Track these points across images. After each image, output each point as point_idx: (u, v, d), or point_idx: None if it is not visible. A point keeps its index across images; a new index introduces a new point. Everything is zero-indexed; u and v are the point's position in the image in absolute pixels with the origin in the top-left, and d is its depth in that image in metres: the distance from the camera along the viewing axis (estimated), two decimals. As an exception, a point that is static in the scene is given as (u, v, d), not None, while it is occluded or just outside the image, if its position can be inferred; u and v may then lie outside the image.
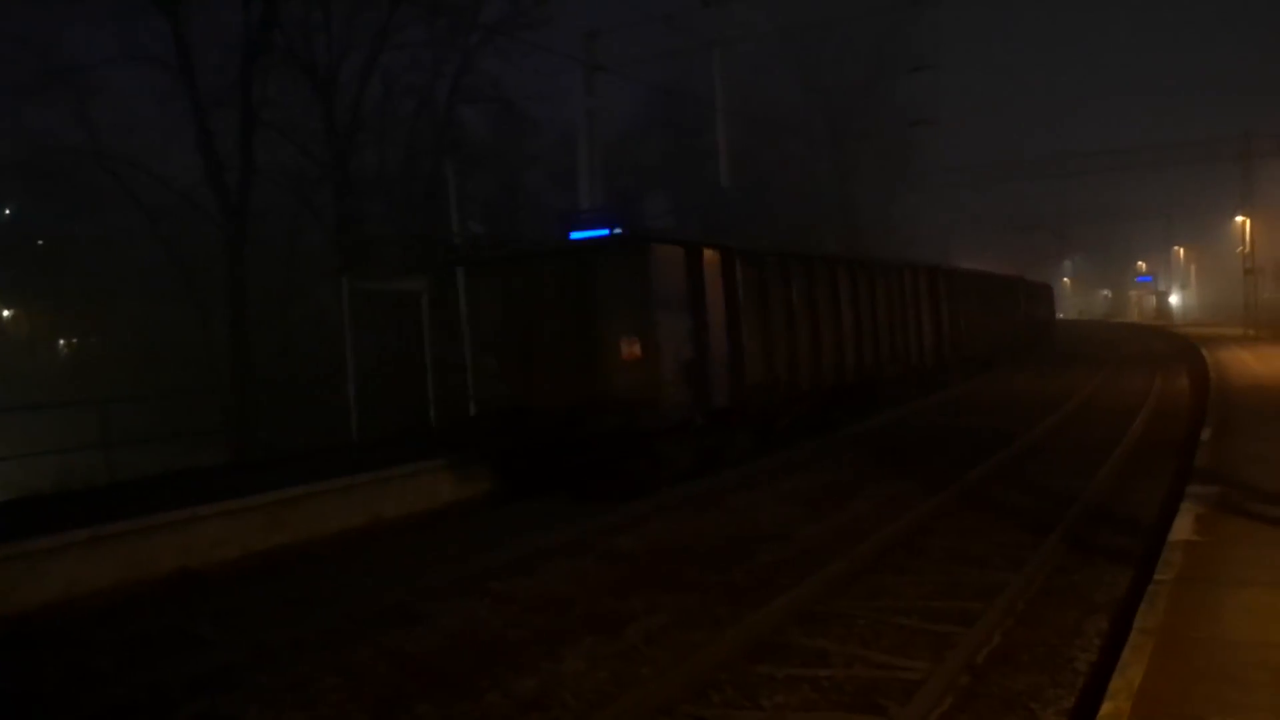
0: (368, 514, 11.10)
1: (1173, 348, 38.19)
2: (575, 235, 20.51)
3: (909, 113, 37.26)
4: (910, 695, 5.53)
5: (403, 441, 14.89)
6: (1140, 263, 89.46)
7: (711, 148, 27.28)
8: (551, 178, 33.42)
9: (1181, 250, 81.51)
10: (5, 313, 37.08)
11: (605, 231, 19.95)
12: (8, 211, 34.54)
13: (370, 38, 21.84)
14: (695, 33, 24.85)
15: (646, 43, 25.41)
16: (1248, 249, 42.33)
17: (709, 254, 13.22)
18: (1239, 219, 43.91)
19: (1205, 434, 12.53)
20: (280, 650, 6.91)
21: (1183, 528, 7.59)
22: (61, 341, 36.64)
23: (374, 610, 7.74)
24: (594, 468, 11.96)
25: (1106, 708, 4.39)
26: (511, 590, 8.20)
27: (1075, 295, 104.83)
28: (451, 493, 12.26)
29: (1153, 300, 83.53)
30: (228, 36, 20.66)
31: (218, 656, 6.92)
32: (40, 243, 32.87)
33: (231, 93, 20.37)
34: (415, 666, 6.55)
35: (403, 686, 6.20)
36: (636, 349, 11.81)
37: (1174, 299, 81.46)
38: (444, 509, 12.03)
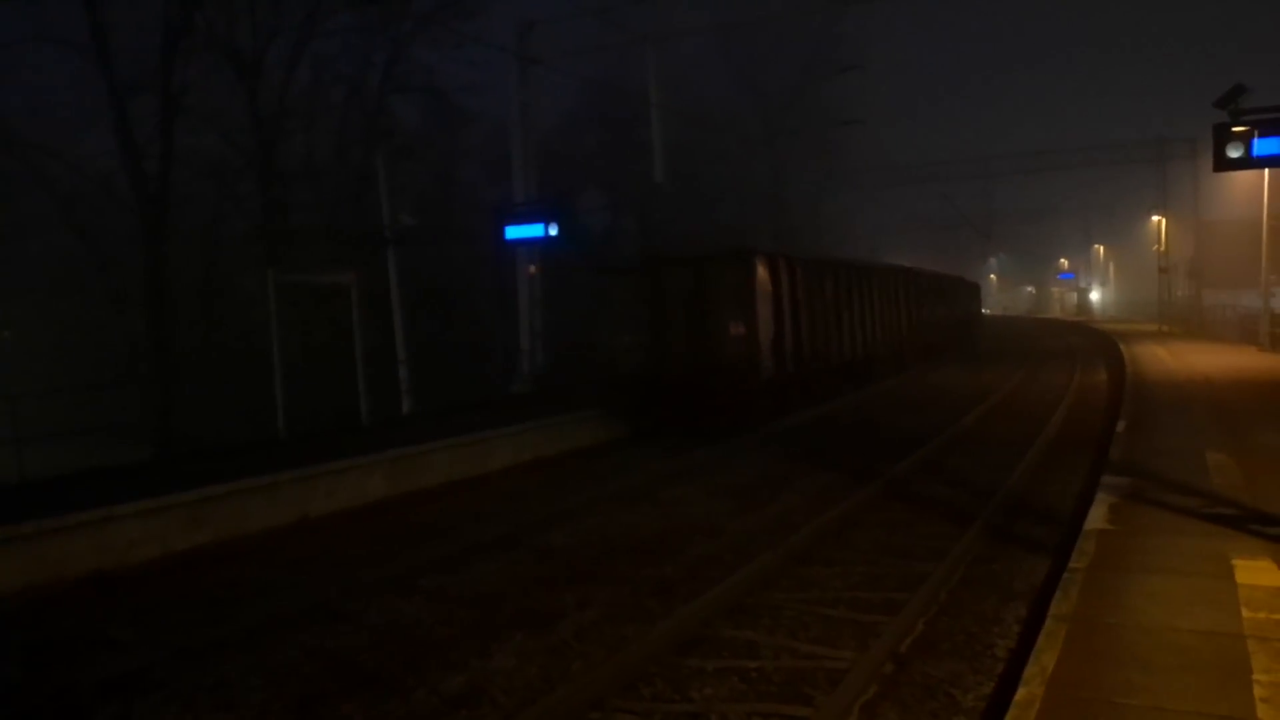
0: (296, 513, 10.87)
1: (1092, 343, 39.51)
2: (509, 229, 20.37)
3: (839, 112, 37.84)
4: (836, 684, 5.64)
5: (336, 436, 14.60)
6: (1062, 260, 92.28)
7: (647, 142, 27.29)
8: (486, 170, 33.06)
9: (1101, 249, 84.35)
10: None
11: (540, 226, 19.87)
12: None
13: (298, 23, 21.32)
14: (630, 28, 24.83)
15: (581, 36, 25.34)
16: (1163, 248, 44.00)
17: (782, 262, 18.36)
18: (1155, 219, 45.60)
19: (1120, 427, 12.99)
20: (203, 651, 6.73)
21: (1096, 518, 7.86)
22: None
23: (300, 608, 7.58)
24: (709, 413, 16.36)
25: (1021, 693, 4.52)
26: (443, 588, 8.11)
27: (1000, 292, 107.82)
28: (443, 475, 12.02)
29: (1074, 297, 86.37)
30: (147, 19, 19.95)
31: (134, 659, 6.70)
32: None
33: (151, 77, 19.68)
34: (341, 664, 6.44)
35: (326, 685, 6.09)
36: (741, 329, 16.57)
37: (1094, 296, 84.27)
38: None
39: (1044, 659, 4.87)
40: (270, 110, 21.11)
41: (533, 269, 23.92)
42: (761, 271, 17.59)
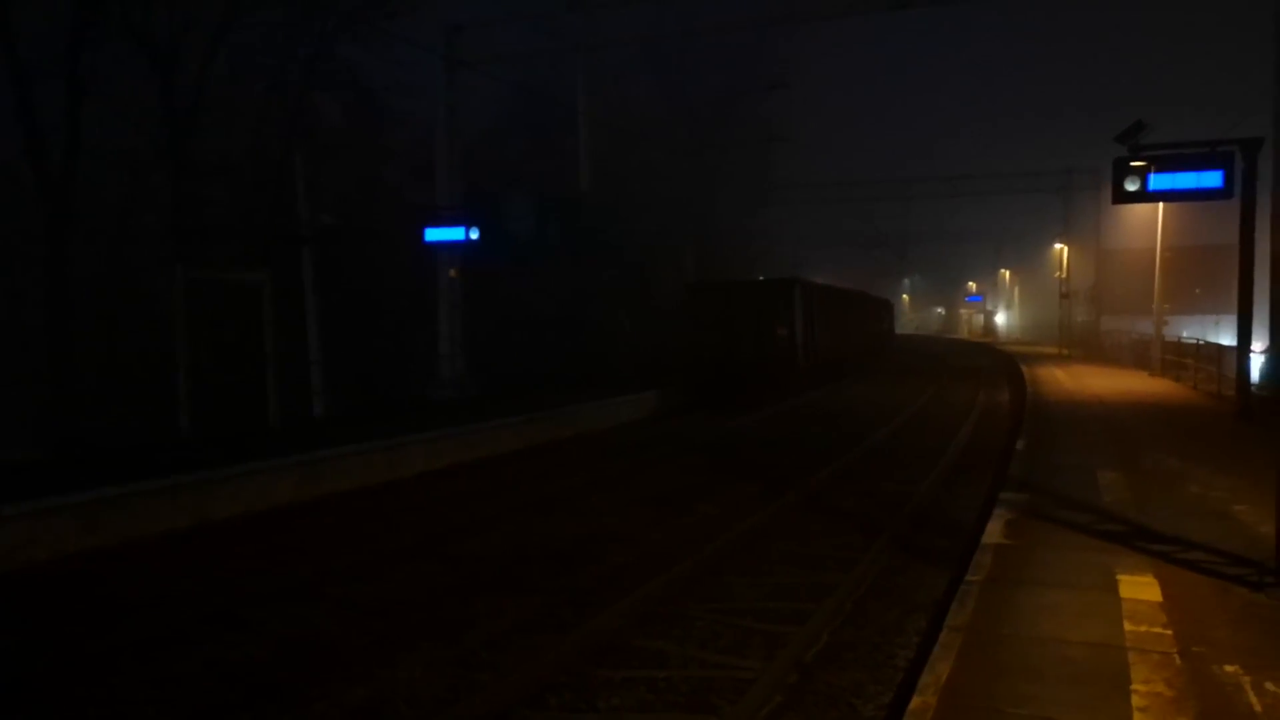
0: (197, 516, 10.52)
1: (997, 363, 40.96)
2: (429, 231, 20.15)
3: (766, 129, 38.50)
4: (742, 694, 5.72)
5: (240, 441, 14.17)
6: (971, 283, 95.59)
7: (575, 150, 27.31)
8: (411, 172, 32.56)
9: (1007, 273, 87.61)
10: None
11: (461, 229, 19.70)
12: None
13: (218, 13, 20.67)
14: (561, 36, 24.84)
15: (511, 42, 25.23)
16: (1065, 275, 45.90)
17: (802, 287, 26.55)
18: (1058, 246, 47.56)
19: (1020, 444, 13.52)
20: (92, 661, 6.46)
21: (994, 532, 8.17)
22: None
23: (198, 616, 7.35)
24: (760, 389, 24.15)
25: (915, 702, 4.68)
26: (350, 596, 7.96)
27: (913, 311, 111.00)
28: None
29: (981, 319, 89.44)
30: (55, 1, 19.07)
31: (14, 668, 6.39)
32: None
33: (58, 62, 18.82)
34: (239, 675, 6.27)
35: (223, 697, 5.92)
36: (784, 332, 25.00)
37: (1000, 318, 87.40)
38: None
39: (939, 669, 5.04)
40: (186, 102, 20.42)
41: (453, 273, 23.69)
42: (796, 292, 25.89)
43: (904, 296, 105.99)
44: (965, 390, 27.93)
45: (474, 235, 19.20)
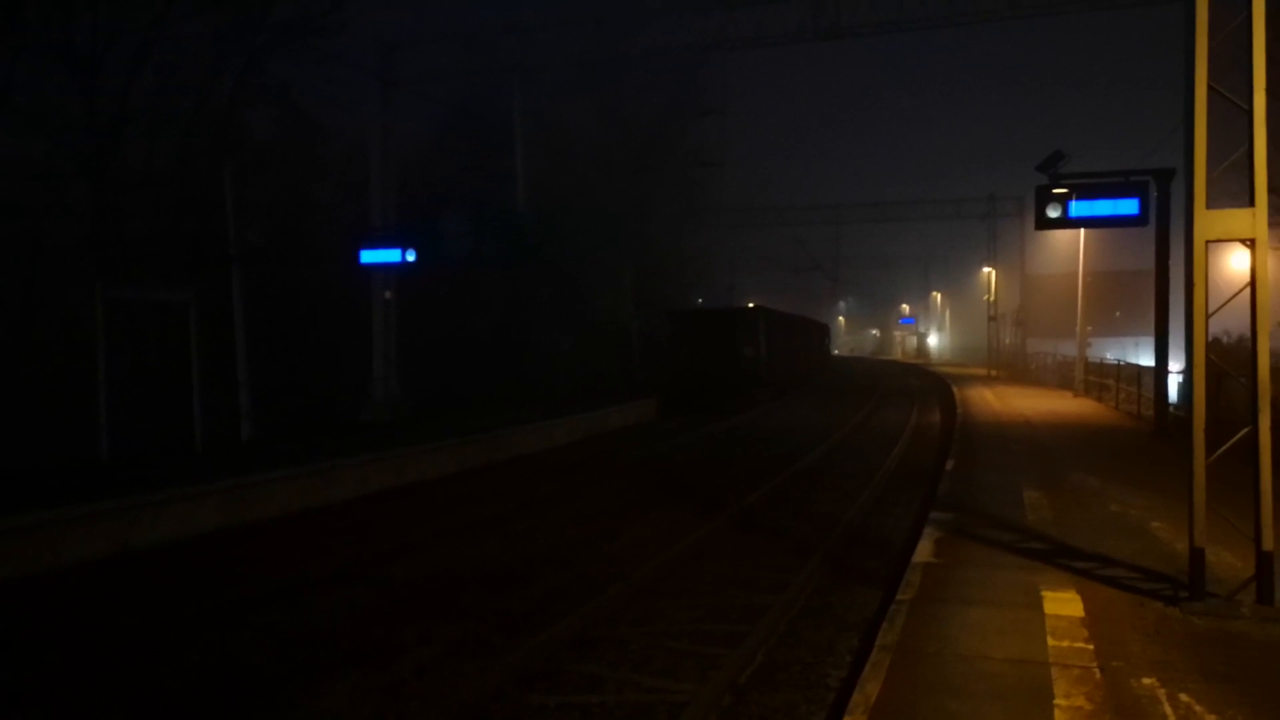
0: (116, 544, 10.13)
1: (928, 384, 41.87)
2: (365, 252, 19.85)
3: (700, 153, 38.93)
4: (675, 717, 5.70)
5: (163, 466, 13.69)
6: (904, 305, 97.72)
7: (511, 170, 27.25)
8: (344, 189, 32.12)
9: (938, 296, 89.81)
10: None
11: (397, 250, 19.46)
12: None
13: (143, 25, 20.15)
14: (497, 57, 24.81)
15: (447, 61, 25.08)
16: (992, 298, 47.19)
17: (765, 313, 31.93)
18: (985, 271, 48.92)
19: (949, 464, 13.81)
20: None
21: (923, 551, 8.31)
22: None
23: (114, 645, 7.06)
24: (727, 400, 27.59)
25: (846, 721, 4.72)
26: (274, 623, 7.74)
27: (848, 334, 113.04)
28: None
29: (914, 341, 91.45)
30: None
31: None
32: None
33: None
34: (156, 706, 6.03)
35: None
36: (751, 352, 29.16)
37: (932, 340, 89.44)
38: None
39: (868, 688, 5.10)
40: (109, 115, 19.82)
41: (388, 294, 23.38)
42: (760, 319, 30.88)
43: (839, 319, 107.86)
44: (898, 410, 28.46)
45: (411, 257, 18.97)
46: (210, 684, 6.41)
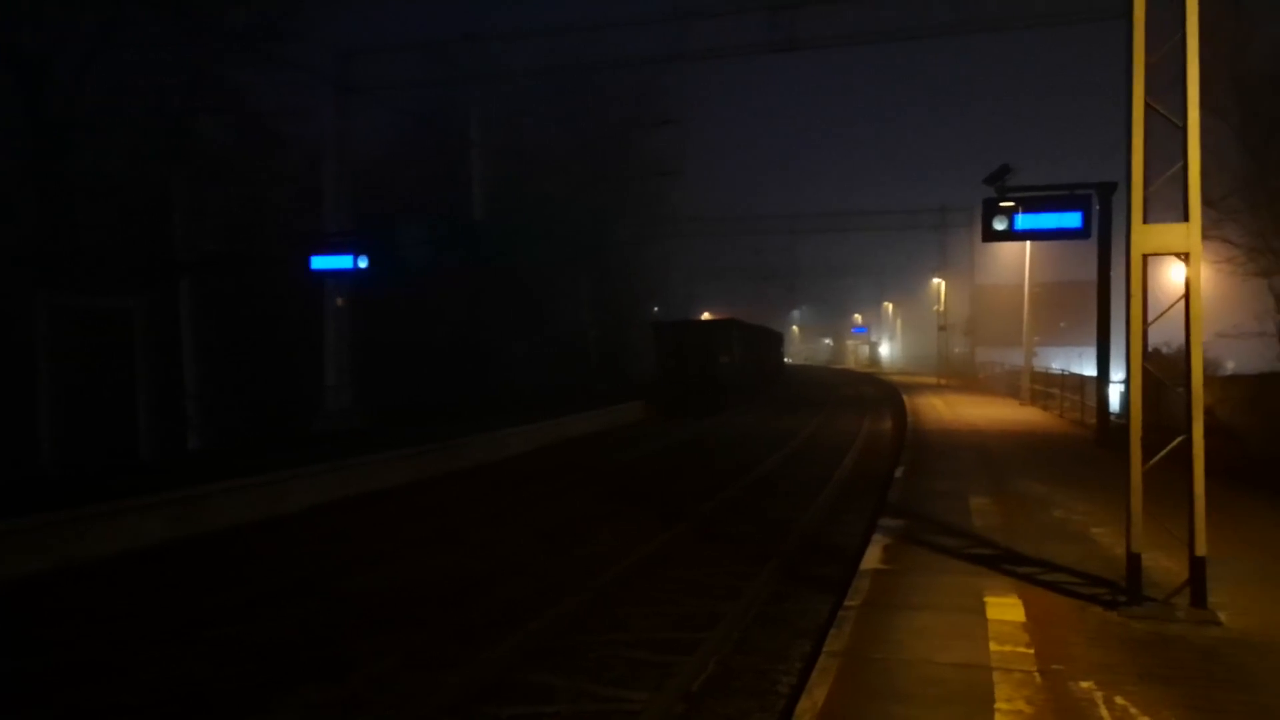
0: (59, 558, 9.92)
1: (880, 392, 42.45)
2: (315, 259, 19.66)
3: (659, 163, 39.21)
4: (630, 726, 5.75)
5: (109, 478, 13.44)
6: (857, 315, 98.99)
7: (470, 178, 27.20)
8: (300, 197, 31.77)
9: (890, 306, 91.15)
10: None
11: (349, 257, 19.31)
12: None
13: (91, 30, 19.78)
14: (455, 65, 24.76)
15: (405, 69, 24.97)
16: (942, 308, 48.02)
17: (739, 323, 37.42)
18: (936, 281, 49.78)
19: (899, 472, 14.05)
20: None
21: (872, 557, 8.48)
22: None
23: (63, 663, 6.92)
24: (702, 401, 29.73)
25: (795, 727, 4.81)
26: (228, 638, 7.64)
27: (802, 342, 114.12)
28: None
29: (867, 349, 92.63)
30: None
31: None
32: None
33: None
34: None
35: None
36: (726, 358, 32.94)
37: (884, 349, 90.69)
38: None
39: (816, 694, 5.20)
40: (56, 119, 19.41)
41: (340, 301, 23.17)
42: (735, 330, 35.76)
43: (794, 328, 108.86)
44: (851, 418, 28.83)
45: (363, 264, 18.82)
46: (161, 701, 6.32)
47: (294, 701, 6.24)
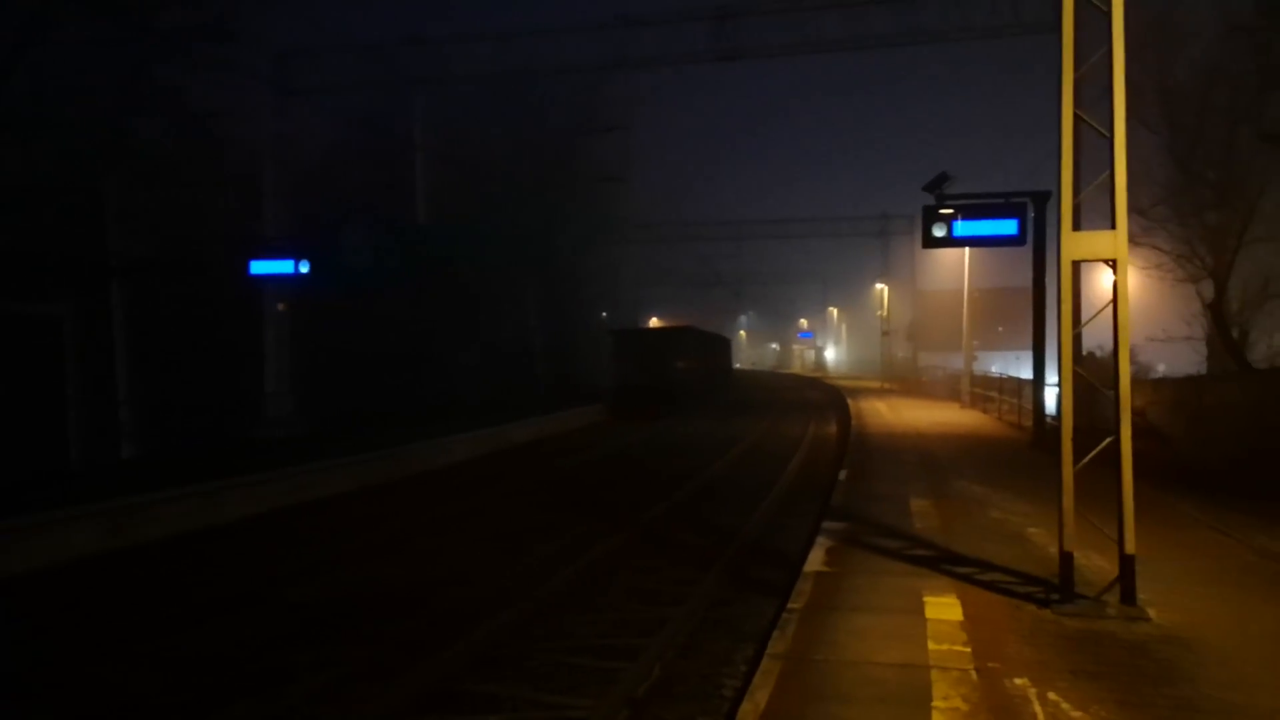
0: None
1: (826, 397, 42.96)
2: (255, 263, 19.29)
3: (605, 168, 39.25)
4: (573, 733, 5.73)
5: (33, 488, 13.00)
6: (803, 320, 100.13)
7: (414, 183, 26.92)
8: (240, 200, 31.13)
9: (835, 311, 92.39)
10: None
11: (290, 262, 18.98)
12: None
13: (19, 26, 19.15)
14: (398, 68, 24.51)
15: (346, 71, 24.64)
16: (885, 313, 48.80)
17: (692, 329, 42.38)
18: (879, 286, 50.58)
19: (842, 475, 14.24)
20: None
21: (815, 560, 8.57)
22: None
23: None
24: (659, 405, 31.14)
25: (738, 730, 4.84)
26: (163, 651, 7.44)
27: (749, 347, 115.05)
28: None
29: (812, 354, 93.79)
30: None
31: None
32: None
33: None
34: None
35: None
36: (682, 363, 35.84)
37: (829, 354, 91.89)
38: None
39: (758, 696, 5.24)
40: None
41: (281, 306, 22.76)
42: (690, 336, 38.86)
43: (741, 333, 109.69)
44: (797, 422, 29.13)
45: (304, 268, 18.52)
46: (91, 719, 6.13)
47: (230, 716, 6.10)
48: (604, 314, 52.26)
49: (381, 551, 11.06)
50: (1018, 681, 5.48)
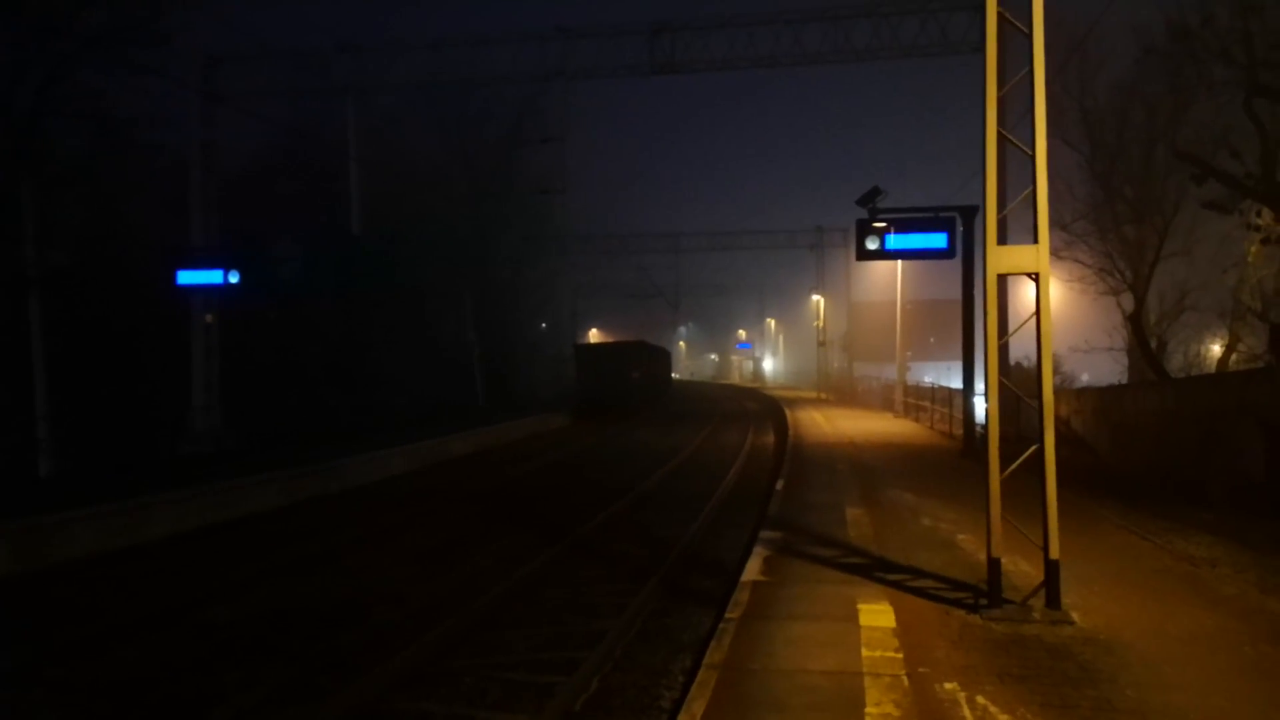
0: None
1: (763, 407, 43.38)
2: (182, 274, 18.79)
3: (541, 180, 39.19)
4: (508, 749, 5.66)
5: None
6: (741, 331, 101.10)
7: (347, 192, 26.50)
8: (165, 208, 30.28)
9: (773, 322, 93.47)
10: None
11: (219, 272, 18.52)
12: None
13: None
14: (330, 76, 24.15)
15: (277, 79, 24.18)
16: (821, 324, 49.51)
17: (645, 344, 44.91)
18: (815, 298, 51.31)
19: (779, 485, 14.38)
20: None
21: (752, 570, 8.63)
22: None
23: None
24: (621, 409, 35.86)
25: (674, 741, 4.83)
26: (74, 676, 7.15)
27: (688, 358, 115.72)
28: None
29: (750, 365, 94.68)
30: None
31: None
32: None
33: None
34: None
35: None
36: (637, 375, 39.39)
37: (766, 364, 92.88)
38: None
39: (694, 707, 5.25)
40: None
41: (210, 318, 22.18)
42: (643, 349, 42.03)
43: (680, 344, 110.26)
44: (736, 432, 29.35)
45: (234, 279, 18.09)
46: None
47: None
48: (543, 325, 52.04)
49: (313, 567, 10.81)
50: (948, 686, 5.58)
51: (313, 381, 29.11)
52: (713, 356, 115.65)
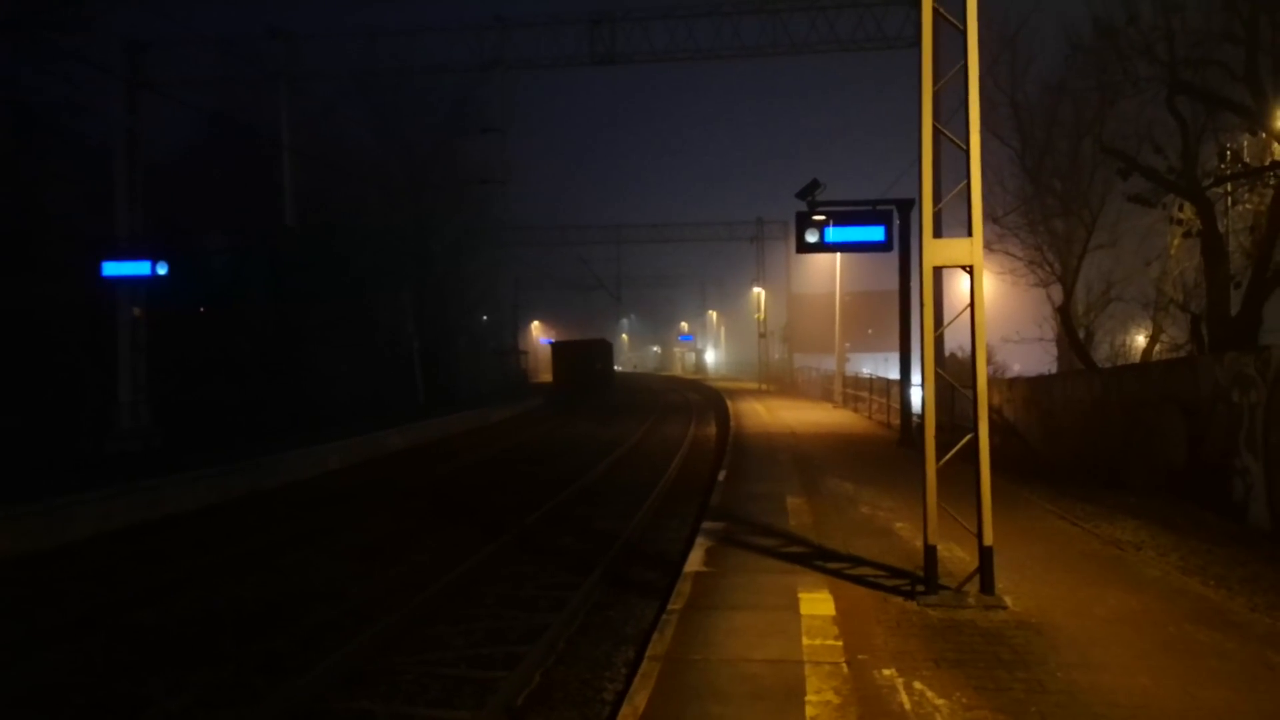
0: None
1: (705, 398, 43.67)
2: (108, 265, 18.17)
3: (481, 171, 38.70)
4: (449, 747, 5.59)
5: None
6: (683, 323, 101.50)
7: (280, 183, 25.87)
8: (86, 200, 29.20)
9: (714, 314, 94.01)
10: None
11: (147, 264, 17.95)
12: None
13: None
14: (261, 63, 23.52)
15: (205, 66, 23.48)
16: (762, 316, 49.94)
17: (604, 341, 55.63)
18: (755, 290, 51.73)
19: (721, 475, 14.46)
20: None
21: (695, 560, 8.66)
22: None
23: None
24: (593, 401, 42.94)
25: (616, 734, 4.82)
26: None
27: (631, 350, 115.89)
28: None
29: (692, 357, 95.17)
30: None
31: None
32: None
33: None
34: None
35: None
36: (600, 367, 50.04)
37: (709, 356, 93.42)
38: None
39: (637, 699, 5.24)
40: None
41: (137, 311, 21.49)
42: (603, 346, 51.94)
43: (623, 336, 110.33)
44: (678, 424, 29.46)
45: (162, 270, 17.55)
46: None
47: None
48: (484, 318, 51.56)
49: (245, 566, 10.56)
50: (886, 672, 5.66)
51: (246, 377, 28.38)
52: (655, 349, 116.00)
